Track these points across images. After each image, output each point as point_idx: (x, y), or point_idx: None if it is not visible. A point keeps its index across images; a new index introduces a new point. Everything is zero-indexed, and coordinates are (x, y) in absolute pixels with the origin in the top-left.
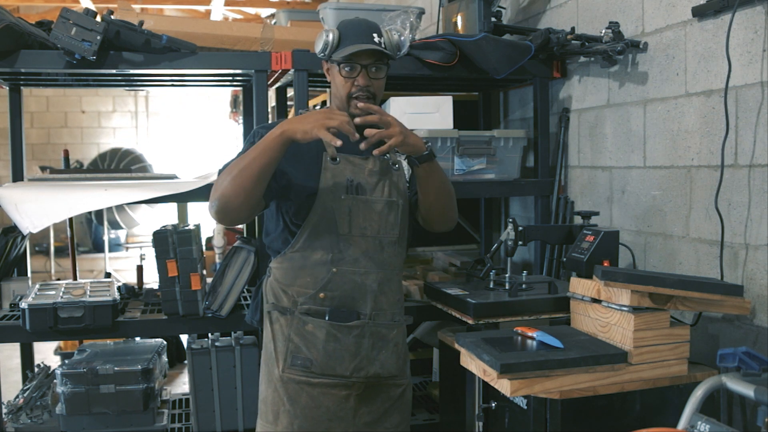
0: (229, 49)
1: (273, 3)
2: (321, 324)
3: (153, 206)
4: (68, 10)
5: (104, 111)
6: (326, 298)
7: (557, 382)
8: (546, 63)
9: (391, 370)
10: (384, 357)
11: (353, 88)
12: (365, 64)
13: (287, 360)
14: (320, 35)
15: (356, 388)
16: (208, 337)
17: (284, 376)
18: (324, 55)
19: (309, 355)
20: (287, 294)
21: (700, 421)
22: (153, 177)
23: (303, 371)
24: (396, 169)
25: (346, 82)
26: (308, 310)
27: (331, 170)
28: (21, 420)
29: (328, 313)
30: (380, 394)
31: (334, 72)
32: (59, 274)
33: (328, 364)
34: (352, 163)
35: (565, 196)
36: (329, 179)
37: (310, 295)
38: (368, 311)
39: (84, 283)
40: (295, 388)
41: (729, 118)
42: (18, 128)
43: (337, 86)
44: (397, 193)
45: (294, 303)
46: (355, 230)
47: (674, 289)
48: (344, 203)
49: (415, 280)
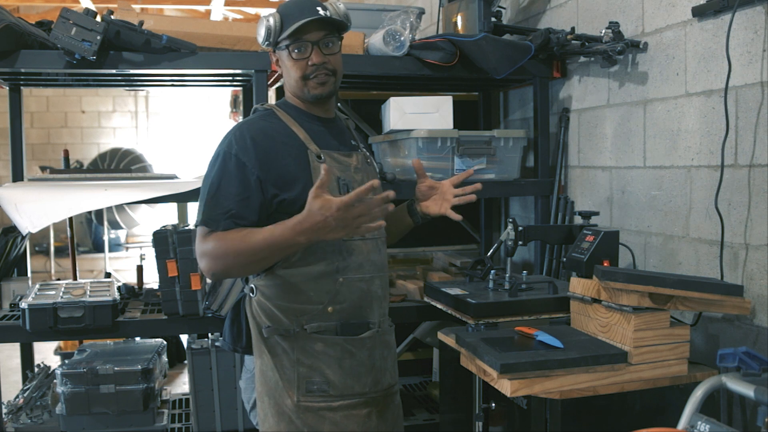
0: (229, 49)
1: (273, 3)
2: (334, 341)
3: (153, 206)
4: (68, 10)
5: (104, 111)
6: (334, 312)
7: (557, 382)
8: (546, 63)
9: (395, 377)
10: (390, 365)
11: (308, 69)
12: (315, 41)
13: (301, 387)
14: (260, 23)
15: (375, 404)
16: (208, 337)
17: (300, 406)
18: (269, 43)
19: (324, 377)
20: (286, 313)
21: (700, 421)
22: (153, 177)
23: (321, 396)
24: (370, 164)
25: (299, 63)
26: (317, 329)
27: (319, 170)
28: (21, 420)
29: (339, 328)
30: (389, 404)
31: (284, 59)
32: (59, 274)
33: (346, 383)
34: (336, 161)
35: (565, 196)
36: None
37: (315, 312)
38: (376, 319)
39: (84, 283)
40: (314, 416)
41: (729, 118)
42: (18, 128)
43: (288, 71)
44: (378, 190)
45: (298, 323)
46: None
47: (674, 289)
48: None
49: (415, 280)
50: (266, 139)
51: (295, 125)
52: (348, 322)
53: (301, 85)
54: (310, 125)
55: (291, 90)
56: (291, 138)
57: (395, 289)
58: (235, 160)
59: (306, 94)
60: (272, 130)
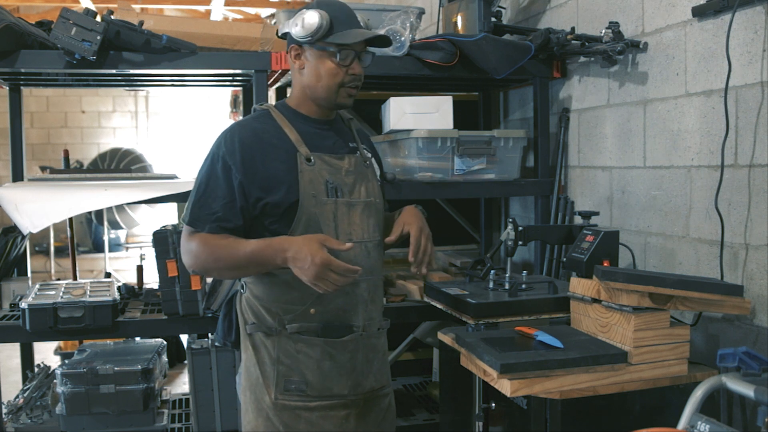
0: (229, 49)
1: (273, 3)
2: (314, 342)
3: (153, 206)
4: (68, 10)
5: (104, 111)
6: (317, 314)
7: (557, 382)
8: (546, 63)
9: (382, 380)
10: (376, 368)
11: (346, 77)
12: (360, 51)
13: (279, 385)
14: (307, 16)
15: (355, 406)
16: (208, 337)
17: (278, 404)
18: (310, 39)
19: (303, 377)
20: (271, 312)
21: (700, 421)
22: (153, 177)
23: (298, 396)
24: (367, 166)
25: (339, 69)
26: (298, 329)
27: (308, 173)
28: (21, 420)
29: (320, 330)
30: (374, 408)
31: (318, 60)
32: (59, 274)
33: (324, 385)
34: (327, 164)
35: (565, 196)
36: (308, 184)
37: (298, 312)
38: (360, 323)
39: (84, 283)
40: (290, 415)
41: (729, 118)
42: (18, 128)
43: (320, 74)
44: (373, 193)
45: (280, 322)
46: (341, 236)
47: (674, 289)
48: (327, 208)
49: (415, 280)
50: (256, 141)
51: (288, 126)
52: (330, 325)
53: (332, 92)
54: (303, 127)
55: (308, 91)
56: (282, 140)
57: (395, 289)
58: (222, 162)
59: (332, 101)
60: (263, 132)
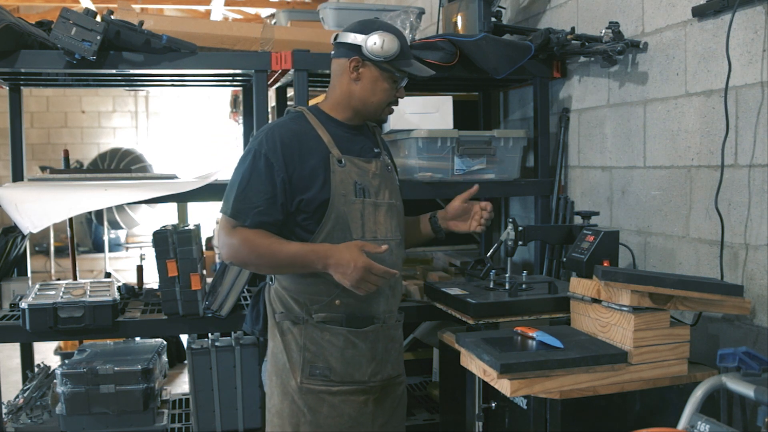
0: (229, 49)
1: (273, 3)
2: (338, 331)
3: (153, 206)
4: (68, 10)
5: (104, 111)
6: (341, 305)
7: (557, 382)
8: (546, 63)
9: (398, 369)
10: (393, 357)
11: (392, 98)
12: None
13: (305, 370)
14: (388, 40)
15: (373, 392)
16: (208, 337)
17: (303, 387)
18: (382, 59)
19: (327, 363)
20: (298, 302)
21: (700, 421)
22: (153, 177)
23: (322, 381)
24: (390, 170)
25: (392, 90)
26: (324, 318)
27: (339, 173)
28: (21, 420)
29: (344, 320)
30: (390, 394)
31: (377, 79)
32: (59, 274)
33: (347, 371)
34: (356, 166)
35: (565, 196)
36: (339, 183)
37: (324, 302)
38: (381, 314)
39: (84, 283)
40: (314, 398)
41: (729, 118)
42: (18, 128)
43: (376, 90)
44: (395, 196)
45: (307, 311)
46: (367, 234)
47: (674, 289)
48: (356, 207)
49: (415, 280)
50: (294, 140)
51: (321, 129)
52: (354, 315)
53: (380, 108)
54: (335, 130)
55: (357, 102)
56: (316, 141)
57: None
58: (265, 159)
59: (377, 115)
60: (301, 133)
